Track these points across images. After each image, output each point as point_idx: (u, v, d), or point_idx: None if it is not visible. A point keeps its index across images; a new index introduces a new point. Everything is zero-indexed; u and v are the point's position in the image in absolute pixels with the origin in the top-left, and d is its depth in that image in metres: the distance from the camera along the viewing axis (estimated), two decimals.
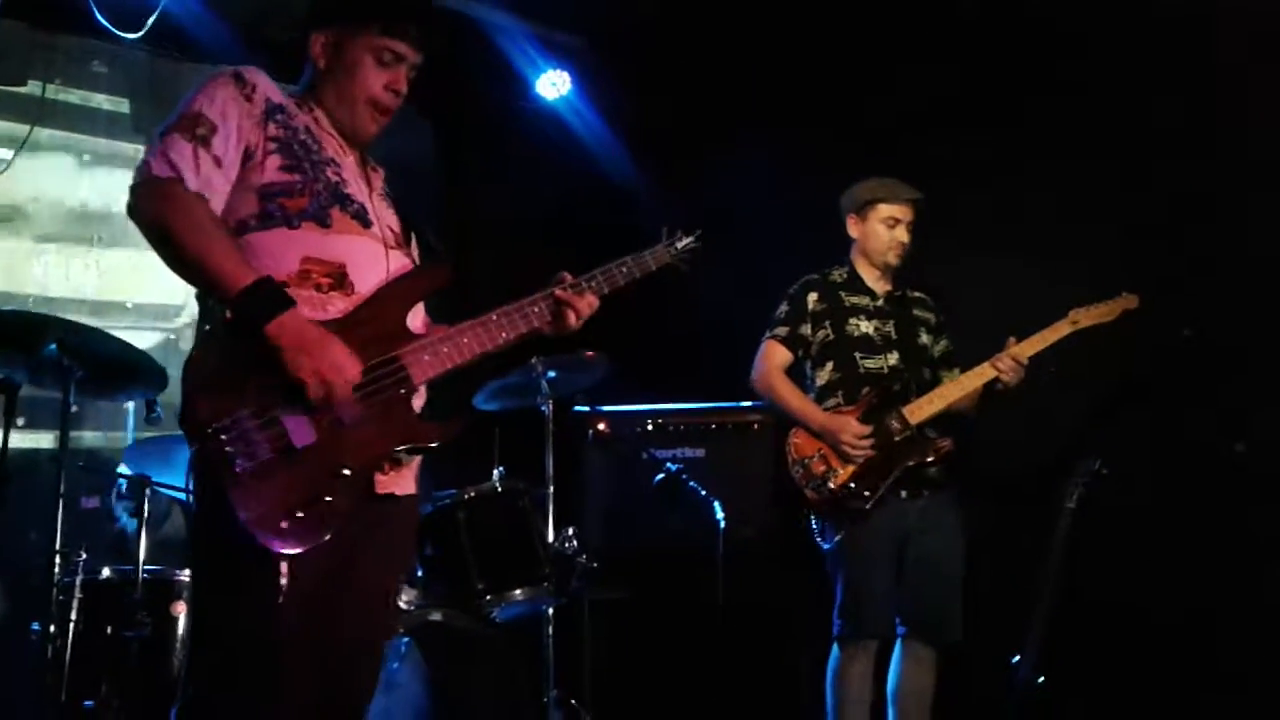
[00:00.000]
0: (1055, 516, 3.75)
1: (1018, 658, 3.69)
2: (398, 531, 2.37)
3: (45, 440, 4.19)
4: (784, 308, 3.80)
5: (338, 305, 2.20)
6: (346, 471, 2.10)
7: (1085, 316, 3.61)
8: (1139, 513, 3.86)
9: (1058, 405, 3.99)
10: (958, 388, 3.63)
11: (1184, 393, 3.91)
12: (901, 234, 3.75)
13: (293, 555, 2.02)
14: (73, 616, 3.28)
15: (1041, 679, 3.62)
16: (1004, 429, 3.98)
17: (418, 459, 2.34)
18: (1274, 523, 3.68)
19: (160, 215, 2.11)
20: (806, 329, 3.75)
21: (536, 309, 2.38)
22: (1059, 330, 3.61)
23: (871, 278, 3.80)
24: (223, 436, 1.99)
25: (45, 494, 3.38)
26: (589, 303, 2.43)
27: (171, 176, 2.12)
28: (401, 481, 2.31)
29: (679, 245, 2.61)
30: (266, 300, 2.07)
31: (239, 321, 2.07)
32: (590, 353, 3.88)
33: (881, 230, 3.75)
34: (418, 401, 2.29)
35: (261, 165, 2.22)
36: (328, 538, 2.05)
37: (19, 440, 4.18)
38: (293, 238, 2.20)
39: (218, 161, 2.17)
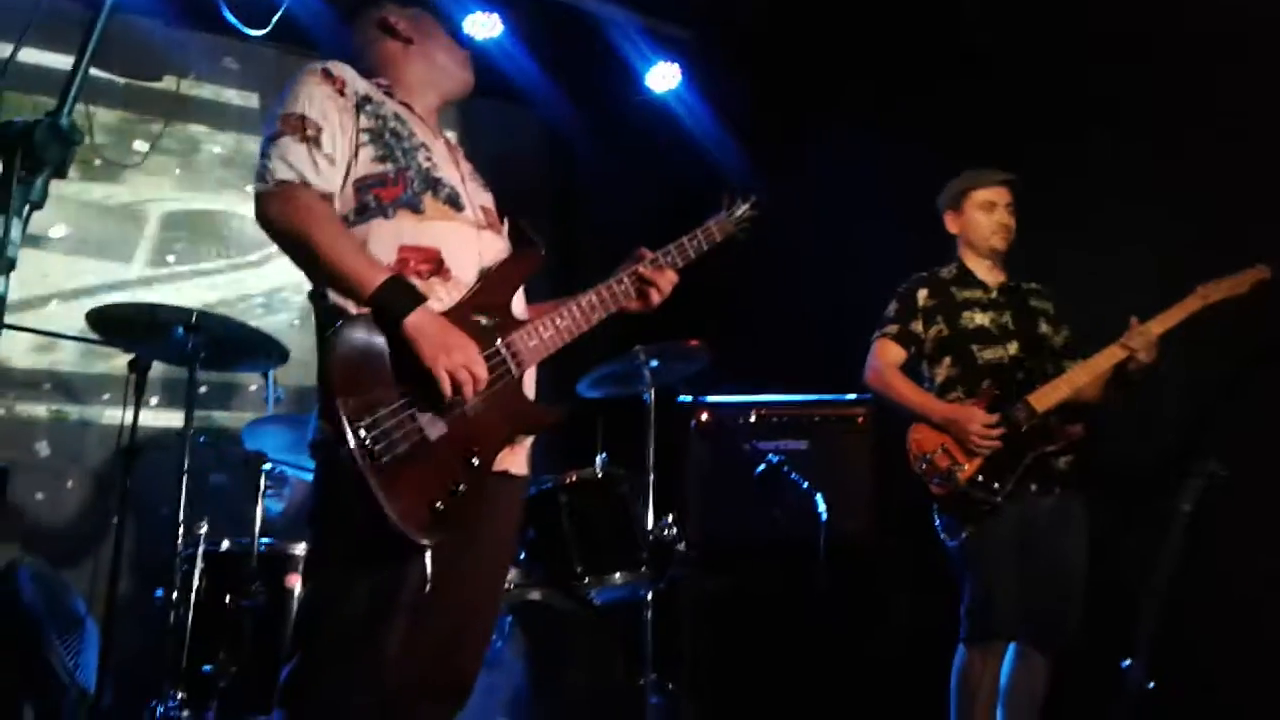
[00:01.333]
0: (1169, 517, 3.65)
1: (1128, 662, 3.60)
2: (512, 510, 2.44)
3: (177, 419, 4.38)
4: (894, 306, 3.74)
5: (440, 291, 2.25)
6: (475, 460, 2.17)
7: (1215, 290, 3.44)
8: (1257, 516, 3.72)
9: (1174, 401, 3.87)
10: (1085, 371, 3.48)
11: None
12: (1002, 216, 3.66)
13: (434, 546, 2.08)
14: (194, 585, 3.45)
15: (1152, 684, 3.52)
16: (1118, 424, 3.87)
17: (529, 439, 2.40)
18: None
19: (292, 220, 2.17)
20: (918, 326, 3.68)
21: (623, 287, 2.43)
22: (1189, 306, 3.45)
23: (982, 270, 3.71)
24: (364, 434, 2.04)
25: (176, 470, 3.56)
26: (669, 279, 2.47)
27: (296, 180, 2.18)
28: (516, 460, 2.37)
29: (737, 213, 2.61)
30: (401, 297, 2.14)
31: (377, 319, 2.12)
32: (693, 341, 3.91)
33: (980, 216, 3.68)
34: (528, 384, 2.34)
35: (356, 158, 2.26)
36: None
37: (154, 419, 4.43)
38: (389, 228, 2.25)
39: (330, 160, 2.22)
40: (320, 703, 2.12)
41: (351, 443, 2.03)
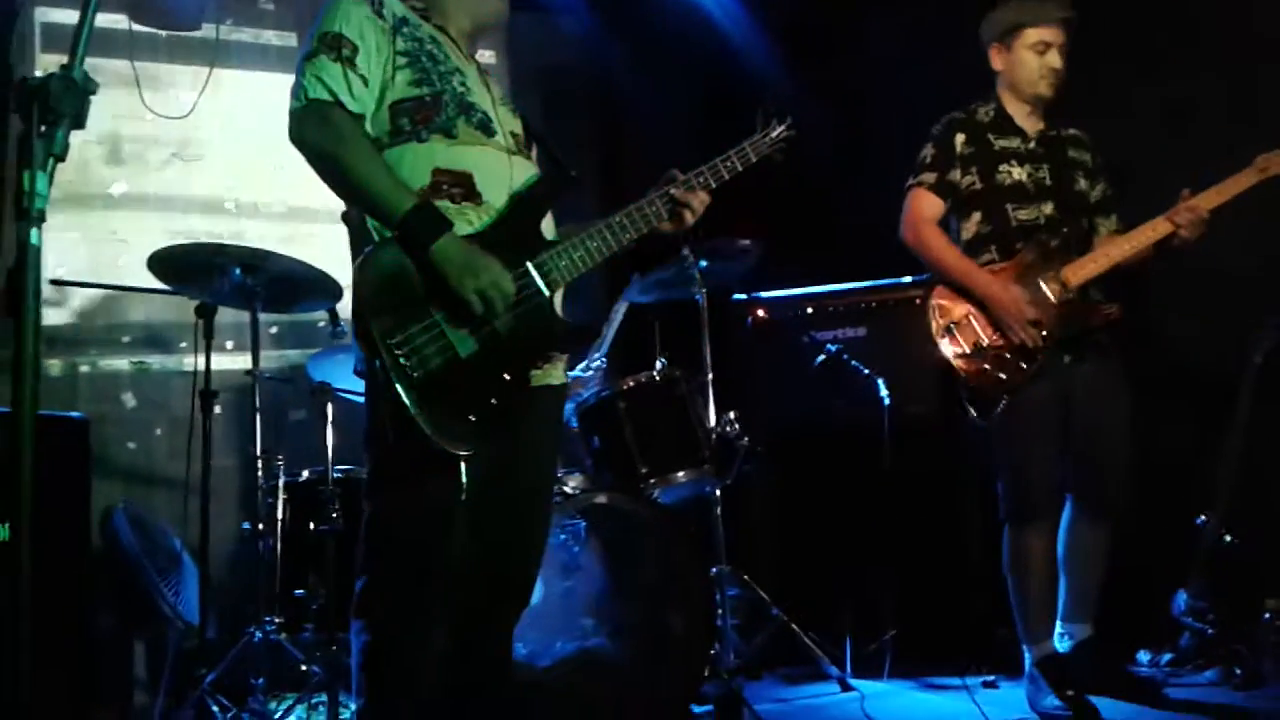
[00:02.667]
0: (1241, 372, 3.60)
1: (1203, 518, 3.58)
2: (551, 417, 2.52)
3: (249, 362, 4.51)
4: (929, 150, 3.51)
5: (471, 215, 2.30)
6: (507, 376, 2.24)
7: (1274, 163, 3.24)
8: None
9: (1238, 259, 3.74)
10: (1126, 244, 3.31)
11: None
12: (1053, 59, 3.41)
13: (469, 455, 2.18)
14: (278, 516, 3.60)
15: (1229, 537, 3.51)
16: (1186, 285, 3.79)
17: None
18: None
19: (324, 139, 2.22)
20: (956, 174, 3.46)
21: (654, 208, 2.44)
22: (1245, 180, 3.25)
23: (1021, 115, 3.48)
24: (397, 351, 2.12)
25: (254, 410, 3.70)
26: (701, 199, 2.47)
27: (330, 100, 2.22)
28: (555, 372, 2.45)
29: (773, 135, 2.59)
30: (428, 223, 2.19)
31: (405, 244, 2.18)
32: (744, 239, 3.90)
33: (1030, 58, 3.42)
34: (558, 303, 2.40)
35: (392, 81, 2.29)
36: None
37: (230, 362, 4.57)
38: (422, 151, 2.29)
39: (365, 81, 2.26)
40: (390, 611, 2.24)
41: (385, 359, 2.12)
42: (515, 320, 2.25)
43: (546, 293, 2.31)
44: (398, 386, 2.12)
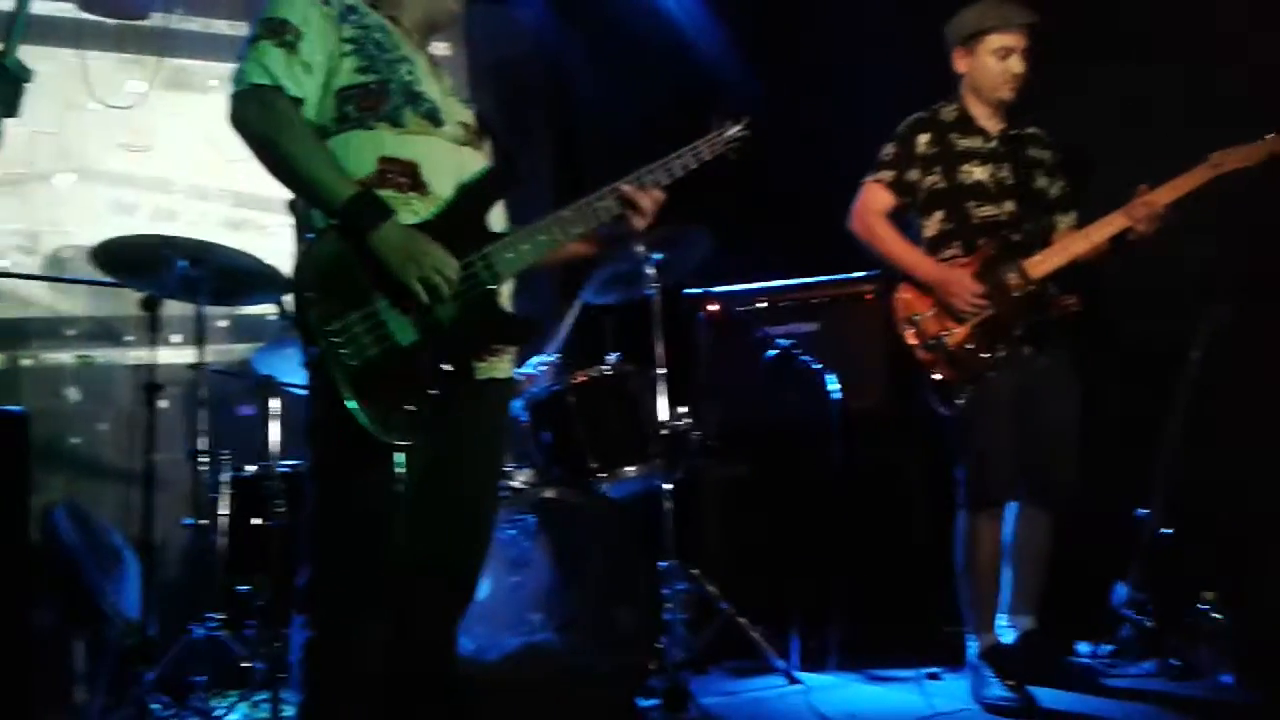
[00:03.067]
0: (1181, 366, 3.65)
1: (1142, 511, 3.64)
2: (497, 410, 2.52)
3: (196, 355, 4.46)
4: (891, 149, 3.61)
5: (417, 205, 2.28)
6: (449, 367, 2.23)
7: (1228, 159, 3.31)
8: (1267, 360, 3.70)
9: (1187, 253, 3.80)
10: (1085, 239, 3.39)
11: None
12: (1015, 64, 3.50)
13: (408, 446, 2.17)
14: (222, 511, 3.57)
15: (1168, 530, 3.56)
16: (1130, 278, 3.84)
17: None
18: None
19: (264, 124, 2.20)
20: (915, 174, 3.56)
21: (604, 203, 2.42)
22: (1199, 175, 3.33)
23: (983, 115, 3.58)
24: (334, 339, 2.11)
25: (200, 403, 3.66)
26: (654, 198, 2.45)
27: (271, 85, 2.21)
28: (501, 365, 2.44)
29: (727, 134, 2.58)
30: (368, 210, 2.18)
31: (344, 231, 2.17)
32: (694, 225, 3.88)
33: (992, 63, 3.51)
34: (505, 296, 2.39)
35: (339, 67, 2.28)
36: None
37: (176, 356, 4.52)
38: (369, 139, 2.28)
39: (307, 68, 2.24)
40: (332, 606, 2.23)
41: (322, 346, 2.11)
42: (459, 311, 2.24)
43: (492, 284, 2.30)
44: (335, 375, 2.11)
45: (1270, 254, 3.74)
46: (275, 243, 4.95)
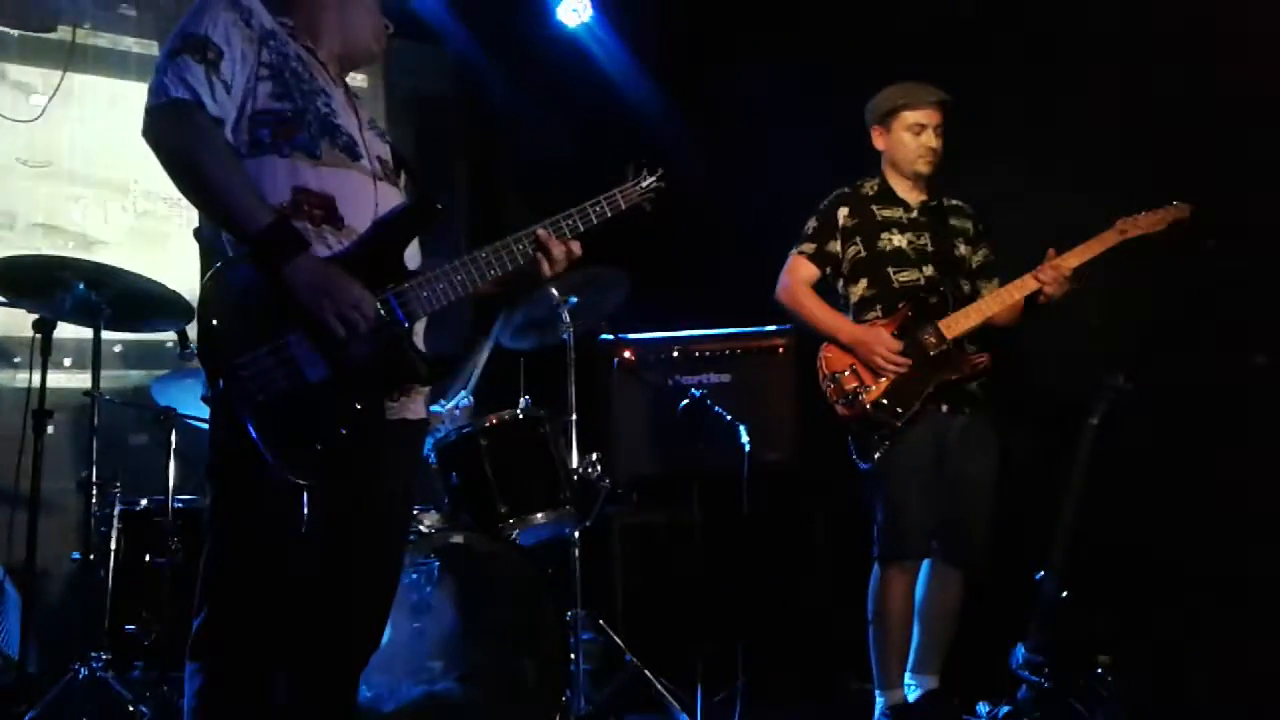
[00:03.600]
0: (1080, 432, 3.73)
1: (1042, 573, 3.70)
2: (409, 453, 2.45)
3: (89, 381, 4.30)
4: (813, 223, 3.72)
5: (331, 239, 2.23)
6: (359, 405, 2.17)
7: (1133, 226, 3.48)
8: (1163, 428, 3.81)
9: (1092, 320, 3.92)
10: (996, 301, 3.53)
11: (1213, 304, 3.84)
12: (929, 139, 3.63)
13: (312, 486, 2.10)
14: (112, 546, 3.42)
15: (1065, 594, 3.62)
16: (1036, 343, 3.94)
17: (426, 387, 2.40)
18: None
19: (182, 141, 2.13)
20: (836, 245, 3.67)
21: (520, 247, 2.39)
22: (1105, 241, 3.49)
23: (904, 188, 3.69)
24: (243, 372, 2.04)
25: (90, 432, 3.51)
26: (569, 249, 2.42)
27: (192, 100, 2.13)
28: (412, 406, 2.38)
29: (643, 185, 2.57)
30: (285, 241, 2.11)
31: (257, 261, 2.10)
32: (607, 269, 3.86)
33: (908, 138, 3.64)
34: (418, 336, 2.34)
35: (254, 92, 2.22)
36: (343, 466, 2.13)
37: (66, 381, 4.34)
38: (284, 167, 2.22)
39: (226, 88, 2.18)
40: (229, 651, 2.15)
41: (227, 379, 2.04)
42: (371, 349, 2.18)
43: (405, 323, 2.25)
44: (240, 409, 2.04)
45: (1166, 323, 3.87)
46: (174, 269, 4.82)
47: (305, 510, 2.11)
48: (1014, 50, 4.22)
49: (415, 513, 3.39)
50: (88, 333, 3.57)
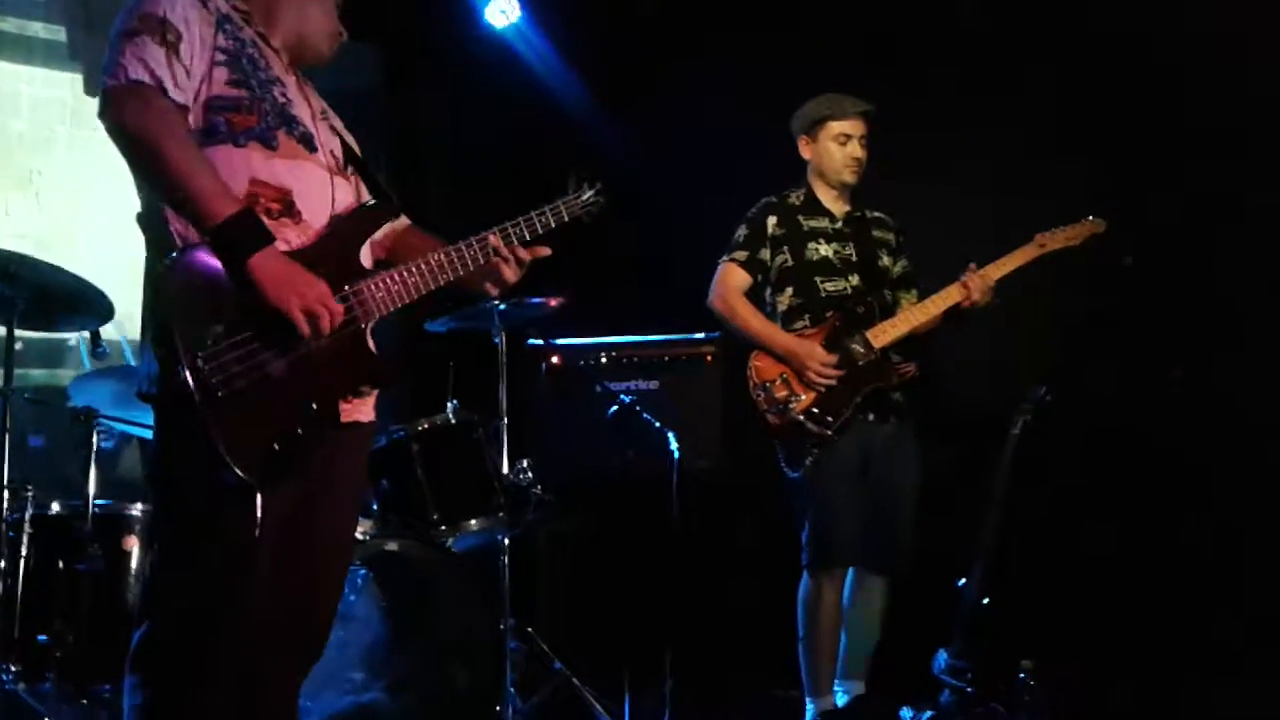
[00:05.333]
0: (1001, 442, 3.82)
1: (963, 581, 3.78)
2: (358, 458, 2.40)
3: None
4: (743, 231, 3.75)
5: (290, 234, 2.16)
6: (315, 406, 2.11)
7: (1051, 240, 3.61)
8: (1082, 438, 3.93)
9: (1014, 333, 4.03)
10: (922, 311, 3.61)
11: (1131, 319, 3.98)
12: (855, 149, 3.69)
13: (265, 487, 2.02)
14: (23, 552, 3.26)
15: (986, 601, 3.71)
16: (959, 353, 4.03)
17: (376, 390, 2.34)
18: (1204, 447, 3.77)
19: (144, 125, 2.03)
20: (765, 253, 3.71)
21: (472, 252, 2.35)
22: (1026, 254, 3.61)
23: (829, 198, 3.75)
24: (203, 365, 1.96)
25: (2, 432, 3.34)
26: (521, 255, 2.40)
27: (152, 84, 2.05)
28: (364, 409, 2.33)
29: (583, 198, 2.56)
30: (250, 233, 2.03)
31: (219, 252, 2.02)
32: (552, 300, 3.84)
33: (834, 148, 3.69)
34: (370, 337, 2.28)
35: (209, 76, 2.14)
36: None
37: None
38: (239, 156, 2.14)
39: (187, 72, 2.10)
40: (175, 664, 2.06)
41: (186, 371, 1.95)
42: (330, 348, 2.12)
43: (361, 322, 2.20)
44: (198, 404, 1.95)
45: (1083, 336, 4.00)
46: (81, 264, 4.65)
47: (258, 513, 2.03)
48: (941, 59, 4.32)
49: None
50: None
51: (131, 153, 2.07)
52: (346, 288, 2.18)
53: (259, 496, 2.03)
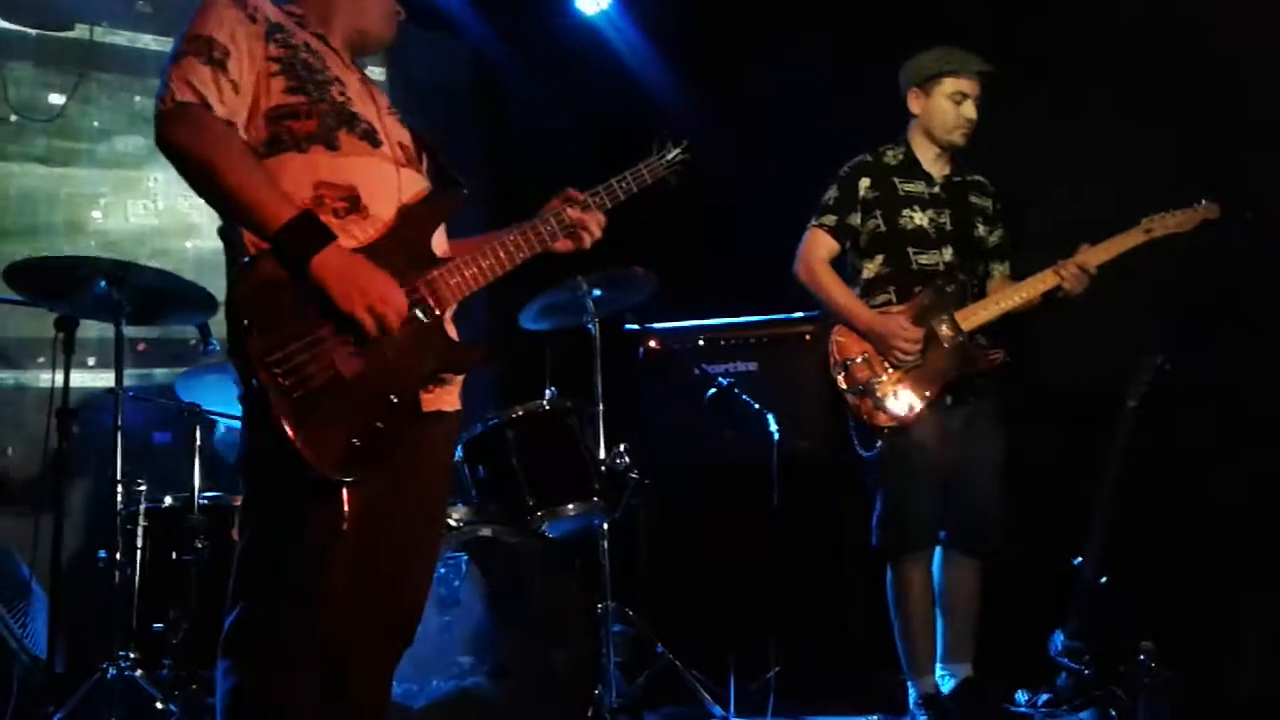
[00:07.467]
0: (1118, 416, 3.67)
1: (1079, 559, 3.64)
2: (444, 446, 2.41)
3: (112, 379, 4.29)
4: (833, 193, 3.59)
5: (356, 230, 2.18)
6: (395, 398, 2.12)
7: (1160, 225, 3.41)
8: (1203, 411, 3.74)
9: (1122, 304, 3.85)
10: (1016, 295, 3.45)
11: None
12: (969, 110, 3.50)
13: (352, 482, 2.05)
14: (138, 544, 3.39)
15: (1103, 580, 3.56)
16: (1068, 327, 3.87)
17: (460, 377, 2.36)
18: None
19: (194, 144, 2.07)
20: (856, 218, 3.55)
21: (549, 227, 2.37)
22: (1131, 238, 3.42)
23: (930, 159, 3.58)
24: (275, 369, 2.00)
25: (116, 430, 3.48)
26: (597, 221, 2.43)
27: (199, 103, 2.09)
28: (447, 398, 2.33)
29: (668, 157, 2.55)
30: (310, 235, 2.06)
31: (282, 257, 2.05)
32: (639, 268, 3.84)
33: (948, 106, 3.51)
34: (450, 323, 2.29)
35: (267, 88, 2.18)
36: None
37: (91, 379, 4.33)
38: (303, 162, 2.17)
39: (235, 87, 2.13)
40: (264, 649, 2.10)
41: (261, 376, 1.99)
42: (404, 339, 2.14)
43: (437, 311, 2.21)
44: (275, 407, 1.99)
45: (1203, 305, 3.80)
46: (197, 265, 4.80)
47: (345, 507, 2.06)
48: (1043, 40, 4.14)
49: None
50: (109, 330, 3.54)
51: (187, 173, 2.10)
52: (418, 278, 2.19)
53: (344, 491, 2.06)
